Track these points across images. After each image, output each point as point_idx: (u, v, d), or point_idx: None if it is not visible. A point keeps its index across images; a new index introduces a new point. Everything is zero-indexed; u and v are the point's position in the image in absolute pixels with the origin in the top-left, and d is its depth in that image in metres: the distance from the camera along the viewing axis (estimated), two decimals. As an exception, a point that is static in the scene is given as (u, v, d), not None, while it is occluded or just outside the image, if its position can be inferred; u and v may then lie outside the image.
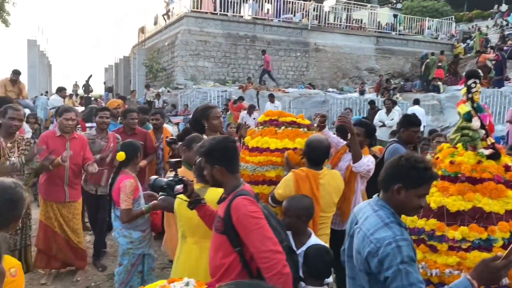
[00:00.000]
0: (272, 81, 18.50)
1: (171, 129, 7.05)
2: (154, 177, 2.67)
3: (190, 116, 12.97)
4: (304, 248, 2.77)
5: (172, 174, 2.70)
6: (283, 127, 3.68)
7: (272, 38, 20.03)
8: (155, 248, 4.04)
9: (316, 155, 3.26)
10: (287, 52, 20.37)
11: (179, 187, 2.54)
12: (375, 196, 2.20)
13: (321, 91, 18.16)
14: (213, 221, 2.48)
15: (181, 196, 2.63)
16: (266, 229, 2.22)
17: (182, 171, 3.45)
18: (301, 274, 2.63)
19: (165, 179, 2.61)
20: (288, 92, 17.15)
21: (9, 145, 4.01)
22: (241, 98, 14.24)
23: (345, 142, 3.99)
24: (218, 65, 19.18)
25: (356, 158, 3.59)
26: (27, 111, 8.60)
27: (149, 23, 26.10)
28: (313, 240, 2.84)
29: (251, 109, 12.05)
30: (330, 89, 19.58)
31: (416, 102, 12.47)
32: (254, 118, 11.21)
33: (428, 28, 24.58)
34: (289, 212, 2.85)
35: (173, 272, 2.95)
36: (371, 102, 13.59)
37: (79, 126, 6.25)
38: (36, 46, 19.62)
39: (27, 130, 6.43)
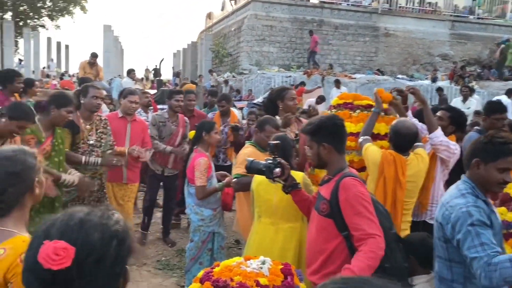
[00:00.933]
0: (314, 63, 18.01)
1: (238, 114, 7.06)
2: (251, 159, 2.60)
3: (254, 101, 13.13)
4: None
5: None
6: (358, 111, 3.56)
7: (339, 23, 19.51)
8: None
9: (404, 142, 3.11)
10: (355, 36, 19.76)
11: (277, 170, 2.44)
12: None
13: (390, 78, 17.47)
14: (308, 207, 2.42)
15: (278, 179, 2.54)
16: (373, 213, 2.17)
17: (251, 152, 3.46)
18: None
19: (263, 162, 2.50)
20: (355, 78, 16.69)
21: (88, 127, 3.89)
22: (302, 83, 14.07)
23: (426, 132, 3.76)
24: (283, 50, 19.04)
25: (431, 127, 3.36)
26: (104, 92, 9.07)
27: (217, 8, 26.47)
28: None
29: (320, 100, 11.50)
30: (399, 76, 18.77)
31: (510, 92, 10.27)
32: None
33: (510, 11, 22.68)
34: None
35: (246, 250, 2.97)
36: (439, 89, 12.82)
37: (151, 107, 6.47)
38: (111, 31, 20.58)
39: (104, 110, 6.74)
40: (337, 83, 13.62)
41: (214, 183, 3.78)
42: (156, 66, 23.35)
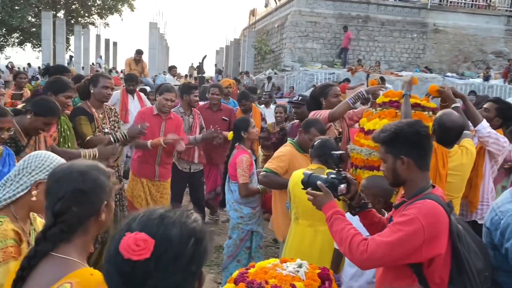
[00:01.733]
0: (344, 61, 17.67)
1: (263, 111, 6.97)
2: (309, 172, 2.19)
3: (295, 98, 12.99)
4: None
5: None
6: (405, 109, 3.37)
7: (386, 19, 18.96)
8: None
9: (449, 136, 2.90)
10: (402, 33, 19.15)
11: (342, 187, 2.02)
12: None
13: (438, 76, 16.82)
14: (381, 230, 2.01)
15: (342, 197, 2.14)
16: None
17: (290, 151, 3.38)
18: None
19: (324, 176, 2.09)
20: (401, 76, 16.17)
21: (100, 115, 3.78)
22: (346, 80, 13.80)
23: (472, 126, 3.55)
24: (327, 46, 18.75)
25: (475, 119, 3.16)
26: (148, 89, 9.27)
27: (260, 5, 26.51)
28: None
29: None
30: (449, 74, 18.03)
31: None
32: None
33: None
34: (367, 191, 2.60)
35: (284, 253, 2.91)
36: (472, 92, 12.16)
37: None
38: (156, 28, 21.05)
39: (150, 105, 6.83)
40: (382, 81, 13.25)
41: (255, 181, 3.76)
42: (199, 63, 23.64)
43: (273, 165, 3.32)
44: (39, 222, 1.91)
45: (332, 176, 2.05)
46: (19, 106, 3.04)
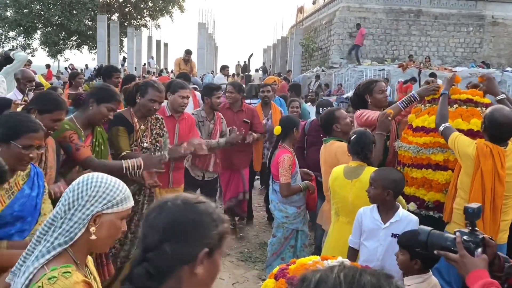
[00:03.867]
0: (355, 58, 17.10)
1: (308, 109, 6.72)
2: (427, 228, 1.77)
3: (344, 96, 12.77)
4: (392, 220, 2.46)
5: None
6: (456, 105, 3.22)
7: (440, 12, 18.23)
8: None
9: (502, 133, 2.72)
10: (457, 27, 18.33)
11: (479, 251, 1.59)
12: None
13: (497, 71, 15.91)
14: None
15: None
16: None
17: (342, 146, 3.30)
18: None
19: (450, 235, 1.69)
20: (455, 72, 15.45)
21: (142, 127, 3.30)
22: (413, 79, 13.19)
23: None
24: (377, 42, 18.31)
25: None
26: (196, 87, 9.45)
27: (308, 2, 26.28)
28: (401, 213, 2.50)
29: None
30: (508, 69, 17.03)
31: None
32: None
33: None
34: (376, 183, 2.51)
35: (324, 249, 2.88)
36: None
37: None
38: (205, 28, 21.47)
39: (201, 103, 6.86)
40: (434, 77, 12.73)
41: (298, 180, 3.72)
42: (245, 61, 23.83)
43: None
44: (90, 262, 1.61)
45: (466, 238, 1.61)
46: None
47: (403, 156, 3.30)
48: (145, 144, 3.28)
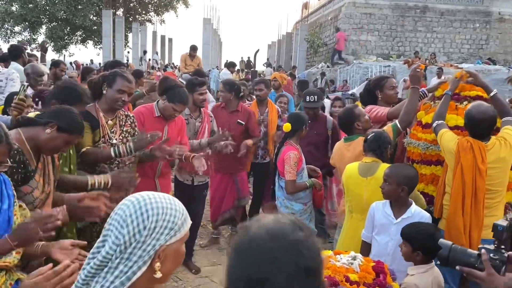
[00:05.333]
0: (339, 59, 17.12)
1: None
2: (449, 243, 1.75)
3: (349, 92, 12.76)
4: (404, 216, 2.49)
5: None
6: (465, 102, 3.22)
7: (446, 8, 18.14)
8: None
9: (480, 128, 2.75)
10: (463, 23, 18.24)
11: (504, 269, 1.58)
12: None
13: (503, 67, 15.86)
14: None
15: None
16: None
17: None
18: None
19: (474, 252, 1.65)
20: (461, 68, 15.40)
21: (110, 122, 2.95)
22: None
23: None
24: (383, 38, 18.25)
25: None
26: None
27: (313, -2, 26.20)
28: (413, 209, 2.53)
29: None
30: (514, 65, 16.98)
31: None
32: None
33: None
34: (390, 180, 2.54)
35: (338, 244, 2.90)
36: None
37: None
38: (210, 24, 21.43)
39: (211, 100, 6.80)
40: (440, 72, 12.68)
41: (305, 177, 3.72)
42: (248, 57, 23.82)
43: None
44: None
45: (493, 255, 1.58)
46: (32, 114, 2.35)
47: (412, 152, 3.30)
48: (114, 141, 2.93)
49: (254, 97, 5.36)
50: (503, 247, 1.61)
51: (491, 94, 3.06)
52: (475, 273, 1.58)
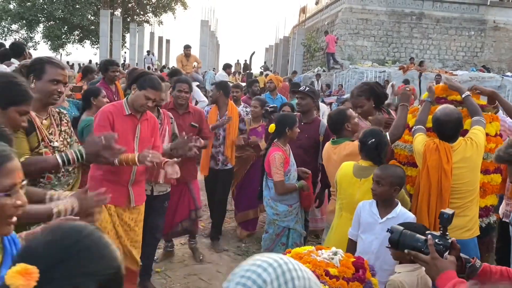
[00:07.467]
0: (335, 63, 17.23)
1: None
2: (400, 228, 1.82)
3: (344, 96, 12.84)
4: (389, 216, 2.51)
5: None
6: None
7: (442, 16, 18.30)
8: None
9: (446, 130, 2.83)
10: (459, 30, 18.41)
11: (447, 255, 1.67)
12: None
13: (497, 75, 16.01)
14: None
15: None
16: None
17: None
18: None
19: (420, 236, 1.75)
20: (456, 75, 15.54)
21: (44, 122, 2.47)
22: (406, 81, 13.30)
23: None
24: (378, 44, 18.38)
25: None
26: (195, 84, 9.48)
27: (311, 2, 26.36)
28: (399, 210, 2.56)
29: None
30: (508, 73, 17.11)
31: None
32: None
33: None
34: (383, 181, 2.56)
35: (326, 242, 2.94)
36: None
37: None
38: (208, 26, 21.50)
39: (202, 99, 6.81)
40: (439, 78, 12.77)
41: (292, 178, 3.71)
42: (245, 60, 23.91)
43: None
44: None
45: (437, 241, 1.69)
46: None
47: (399, 154, 3.36)
48: (55, 144, 2.47)
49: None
50: (447, 233, 1.72)
51: (463, 95, 3.14)
52: (421, 257, 1.69)
